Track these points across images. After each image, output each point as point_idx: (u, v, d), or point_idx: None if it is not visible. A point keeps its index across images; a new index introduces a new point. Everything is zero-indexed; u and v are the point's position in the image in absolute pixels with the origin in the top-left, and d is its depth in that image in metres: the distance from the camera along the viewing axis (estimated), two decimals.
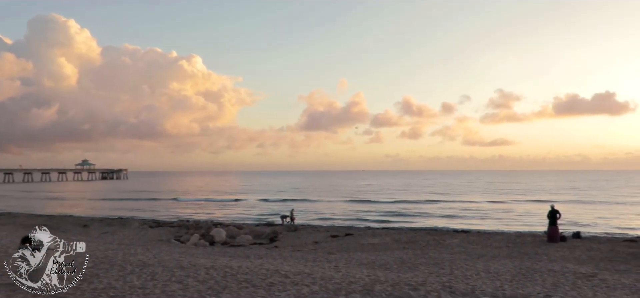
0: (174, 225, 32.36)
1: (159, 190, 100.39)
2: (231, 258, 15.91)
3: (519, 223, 39.86)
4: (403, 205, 60.85)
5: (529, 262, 15.94)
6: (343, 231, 28.58)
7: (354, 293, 10.24)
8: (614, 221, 42.58)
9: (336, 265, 14.74)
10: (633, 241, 22.68)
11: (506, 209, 55.29)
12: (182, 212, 50.86)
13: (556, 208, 23.30)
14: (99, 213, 47.15)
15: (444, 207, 57.22)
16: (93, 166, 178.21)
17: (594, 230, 32.60)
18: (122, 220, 36.97)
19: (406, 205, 59.99)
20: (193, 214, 48.30)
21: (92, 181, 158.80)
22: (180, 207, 58.69)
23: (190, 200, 70.74)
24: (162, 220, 36.93)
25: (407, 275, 12.94)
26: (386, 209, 54.78)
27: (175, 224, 33.20)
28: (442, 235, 25.80)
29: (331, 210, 53.91)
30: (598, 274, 13.66)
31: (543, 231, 24.06)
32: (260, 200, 69.53)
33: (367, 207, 57.61)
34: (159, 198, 73.89)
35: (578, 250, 19.29)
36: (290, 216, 33.60)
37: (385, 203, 63.80)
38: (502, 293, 10.66)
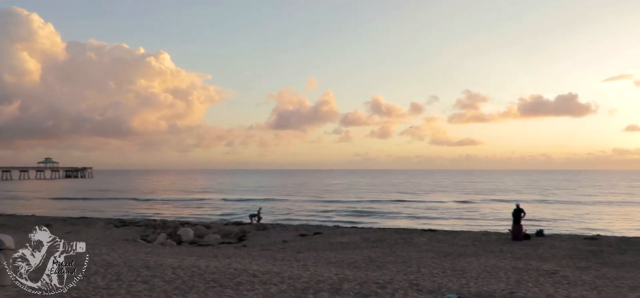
0: (140, 225, 31.81)
1: (125, 189, 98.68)
2: (199, 258, 15.75)
3: (484, 221, 40.61)
4: (372, 204, 61.27)
5: (494, 260, 16.24)
6: (312, 230, 28.58)
7: (322, 292, 10.26)
8: (576, 219, 43.78)
9: (305, 264, 14.75)
10: (593, 239, 23.32)
11: (472, 208, 56.25)
12: (149, 211, 50.13)
13: (521, 207, 23.80)
14: (63, 212, 46.04)
15: (412, 206, 57.85)
16: (56, 164, 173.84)
17: (557, 229, 33.44)
18: (86, 219, 36.16)
19: (375, 204, 60.42)
20: (160, 213, 47.65)
21: (55, 180, 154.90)
22: (146, 206, 57.82)
23: (157, 199, 69.74)
24: (128, 219, 36.27)
25: (375, 273, 13.04)
26: (355, 208, 55.04)
27: (141, 223, 32.64)
28: (410, 234, 26.05)
29: (300, 209, 53.90)
30: (560, 271, 14.01)
31: (508, 230, 24.53)
32: (229, 199, 69.05)
33: (336, 206, 57.78)
34: (125, 197, 72.64)
35: (541, 248, 19.74)
36: (257, 215, 33.43)
37: (354, 202, 64.12)
38: (467, 290, 10.84)
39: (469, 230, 30.04)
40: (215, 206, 58.72)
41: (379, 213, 49.13)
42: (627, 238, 24.56)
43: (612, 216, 46.80)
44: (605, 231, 31.99)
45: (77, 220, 35.62)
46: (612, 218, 45.67)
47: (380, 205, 59.94)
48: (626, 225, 39.58)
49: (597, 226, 36.89)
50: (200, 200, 68.83)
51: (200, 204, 61.76)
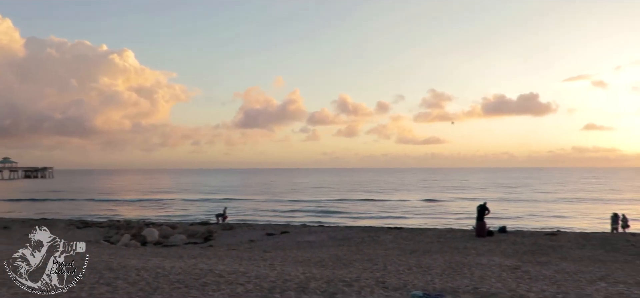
0: (104, 225, 31.16)
1: (87, 189, 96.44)
2: (164, 259, 15.52)
3: (449, 219, 41.27)
4: (339, 202, 61.52)
5: (458, 256, 16.49)
6: (279, 229, 28.51)
7: (288, 291, 10.24)
8: (537, 216, 44.94)
9: (272, 263, 14.69)
10: (554, 235, 23.96)
11: (438, 206, 57.11)
12: (112, 212, 49.14)
13: (485, 204, 24.27)
14: (22, 214, 44.70)
15: (379, 205, 58.35)
16: (15, 164, 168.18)
17: (519, 225, 34.26)
18: (46, 220, 35.17)
19: (342, 203, 60.69)
20: (124, 214, 46.76)
21: (14, 180, 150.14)
22: (110, 207, 56.65)
23: (121, 200, 68.41)
24: (90, 220, 35.47)
25: (341, 271, 13.08)
26: (322, 207, 55.18)
27: (104, 224, 31.97)
28: (377, 232, 26.25)
29: (267, 208, 53.73)
30: (521, 266, 14.33)
31: (472, 227, 24.97)
32: (194, 199, 68.28)
33: (304, 205, 57.83)
34: (87, 198, 70.98)
35: (504, 244, 20.16)
36: (223, 214, 33.17)
37: (321, 201, 64.26)
38: (432, 287, 10.98)
39: (434, 227, 30.50)
40: (180, 206, 57.98)
41: (346, 212, 49.37)
42: (585, 234, 25.33)
43: (571, 213, 48.20)
44: (565, 227, 32.93)
45: (37, 221, 34.62)
46: (571, 214, 47.05)
47: (348, 203, 60.24)
48: (585, 220, 40.82)
49: (557, 222, 37.95)
50: (165, 200, 67.84)
51: (166, 204, 60.89)
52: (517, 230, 27.08)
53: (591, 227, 32.55)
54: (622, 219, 27.13)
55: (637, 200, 64.64)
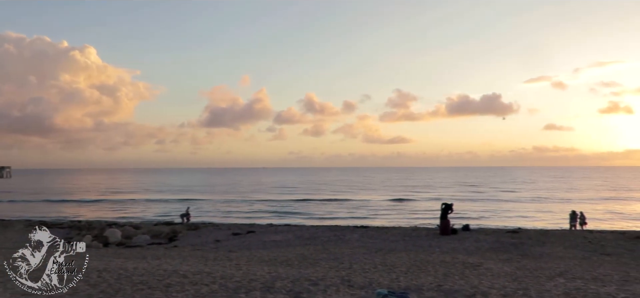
0: (64, 226, 30.33)
1: (47, 189, 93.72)
2: (126, 260, 15.23)
3: (414, 217, 41.74)
4: (305, 201, 61.54)
5: (423, 254, 16.72)
6: (245, 228, 28.33)
7: (254, 290, 10.18)
8: (499, 214, 45.90)
9: (237, 263, 14.59)
10: (515, 232, 24.56)
11: (403, 204, 57.74)
12: (73, 212, 47.91)
13: (449, 203, 24.66)
14: None
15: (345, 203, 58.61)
16: None
17: (482, 223, 34.92)
18: (3, 221, 34.06)
19: (308, 202, 60.72)
20: (85, 214, 45.66)
21: None
22: (71, 207, 55.23)
23: (82, 200, 66.73)
24: (50, 221, 34.42)
25: (307, 270, 13.09)
26: (289, 206, 55.10)
27: (65, 225, 31.13)
28: (343, 230, 26.35)
29: (233, 208, 53.32)
30: (484, 263, 14.62)
31: (436, 225, 25.34)
32: (159, 199, 67.21)
33: (270, 204, 57.62)
34: (47, 198, 68.95)
35: (467, 242, 20.54)
36: (186, 214, 32.77)
37: (288, 200, 64.14)
38: (397, 285, 11.09)
39: (399, 226, 30.80)
40: (144, 206, 56.98)
41: (312, 211, 49.41)
42: (545, 231, 26.05)
43: (532, 211, 49.41)
44: (526, 224, 33.75)
45: None
46: (532, 212, 48.22)
47: (314, 203, 60.30)
48: (545, 218, 41.88)
49: (518, 220, 38.84)
50: (128, 200, 66.50)
51: (129, 204, 59.71)
52: (480, 228, 27.61)
53: (551, 225, 33.44)
54: (580, 217, 27.96)
55: (594, 198, 66.80)
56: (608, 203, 59.15)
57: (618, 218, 43.47)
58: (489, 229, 27.50)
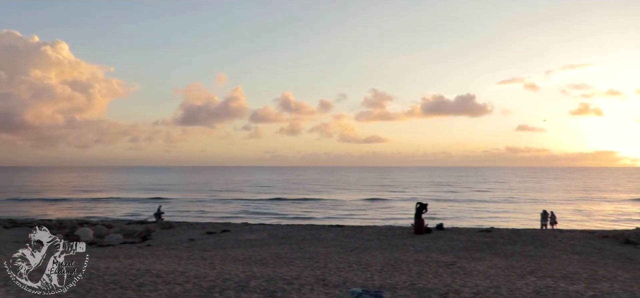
0: (34, 225, 29.64)
1: (16, 187, 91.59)
2: (98, 259, 14.97)
3: (389, 216, 42.03)
4: (281, 200, 61.44)
5: (397, 253, 16.83)
6: (220, 227, 28.13)
7: (228, 289, 10.12)
8: (472, 213, 46.53)
9: (211, 263, 14.48)
10: (487, 232, 24.91)
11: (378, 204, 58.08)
12: (43, 211, 46.97)
13: (424, 202, 24.89)
14: None
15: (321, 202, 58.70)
16: None
17: (455, 222, 35.33)
18: None
19: (284, 201, 60.65)
20: (56, 213, 44.78)
21: None
22: (41, 206, 54.13)
23: (53, 198, 65.43)
24: (19, 220, 33.70)
25: (282, 269, 13.07)
26: (264, 205, 54.95)
27: (34, 224, 30.44)
28: (318, 229, 26.38)
29: (208, 207, 52.94)
30: (457, 262, 14.80)
31: (410, 224, 25.54)
32: (132, 198, 66.30)
33: (245, 203, 57.38)
34: (16, 197, 67.41)
35: (441, 241, 20.75)
36: (157, 212, 32.42)
37: (263, 199, 63.95)
38: (371, 283, 11.15)
39: (374, 225, 30.99)
40: (117, 204, 56.21)
41: (287, 210, 49.36)
42: (517, 230, 26.48)
43: (504, 210, 50.21)
44: (498, 224, 34.26)
45: None
46: (504, 211, 49.01)
47: (289, 201, 60.24)
48: (516, 217, 42.60)
49: (491, 220, 39.42)
50: (101, 198, 65.45)
51: (101, 203, 58.81)
52: (453, 228, 27.91)
53: (522, 224, 34.03)
54: (551, 216, 28.51)
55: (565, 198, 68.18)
56: (578, 203, 60.47)
57: (587, 217, 44.48)
58: (462, 228, 27.83)
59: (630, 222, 37.40)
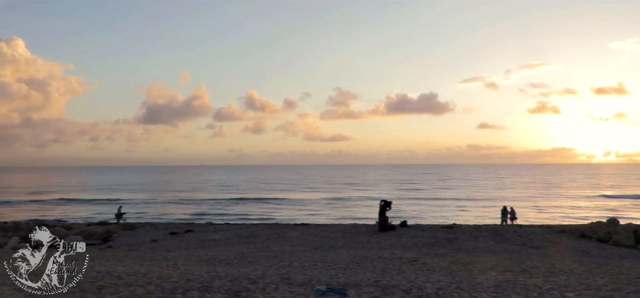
0: None
1: None
2: None
3: (354, 214, 42.31)
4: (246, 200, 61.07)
5: (362, 251, 16.94)
6: (183, 227, 27.80)
7: (191, 290, 9.99)
8: (435, 210, 47.27)
9: (175, 263, 14.27)
10: (450, 228, 25.35)
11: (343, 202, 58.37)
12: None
13: (388, 200, 25.15)
14: None
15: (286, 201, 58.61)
16: None
17: (419, 219, 35.84)
18: None
19: (249, 200, 60.29)
20: (12, 215, 43.37)
21: None
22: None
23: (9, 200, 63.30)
24: None
25: (247, 269, 12.99)
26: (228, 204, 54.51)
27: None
28: (283, 228, 26.35)
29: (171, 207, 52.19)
30: (420, 258, 14.99)
31: (375, 222, 25.77)
32: (93, 198, 64.78)
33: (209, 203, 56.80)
34: None
35: (405, 238, 21.00)
36: (118, 213, 31.84)
37: (228, 198, 63.43)
38: (336, 281, 11.19)
39: (339, 223, 31.15)
40: (77, 206, 54.81)
41: (252, 209, 49.10)
42: (478, 226, 27.05)
43: (466, 206, 51.19)
44: (461, 220, 34.91)
45: None
46: (466, 207, 49.96)
47: (254, 200, 59.93)
48: (478, 213, 43.49)
49: (453, 216, 40.12)
50: (60, 200, 63.70)
51: (60, 204, 57.24)
52: (417, 224, 28.32)
53: (483, 220, 34.77)
54: (511, 212, 29.23)
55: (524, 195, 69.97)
56: (536, 199, 62.17)
57: (545, 213, 45.77)
58: (426, 225, 28.25)
59: (585, 217, 38.65)
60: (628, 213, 42.98)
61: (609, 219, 25.12)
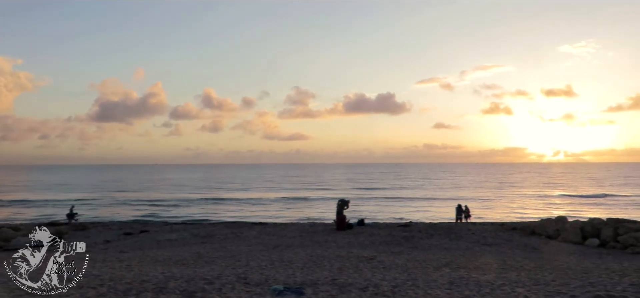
0: None
1: None
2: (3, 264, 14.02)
3: (312, 213, 42.38)
4: (203, 199, 60.29)
5: (319, 249, 17.00)
6: (138, 227, 27.23)
7: (145, 292, 9.80)
8: (392, 208, 47.86)
9: (128, 264, 13.97)
10: (406, 226, 25.74)
11: (301, 201, 58.39)
12: None
13: (345, 199, 25.32)
14: None
15: (244, 200, 58.18)
16: None
17: (376, 217, 36.22)
18: None
19: (206, 199, 59.54)
20: None
21: None
22: None
23: None
24: None
25: (203, 269, 12.84)
26: (185, 203, 53.70)
27: None
28: (240, 227, 26.16)
29: (126, 206, 51.02)
30: (377, 256, 15.16)
31: (332, 221, 25.90)
32: (43, 199, 62.60)
33: (165, 202, 55.81)
34: None
35: (362, 236, 21.19)
36: (70, 213, 30.90)
37: (184, 197, 62.47)
38: (293, 280, 11.19)
39: (297, 222, 31.15)
40: (25, 206, 52.85)
41: (209, 208, 48.54)
42: (433, 224, 27.56)
43: (422, 205, 52.07)
44: (416, 218, 35.48)
45: None
46: (422, 206, 50.82)
47: (212, 200, 59.25)
48: (433, 212, 44.29)
49: (410, 214, 40.74)
50: (7, 200, 61.22)
51: (7, 205, 55.03)
52: (374, 223, 28.62)
53: (438, 218, 35.43)
54: (465, 210, 29.88)
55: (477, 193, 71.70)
56: (489, 197, 63.81)
57: (498, 211, 47.03)
58: (383, 223, 28.58)
59: (536, 215, 39.92)
60: (576, 211, 44.63)
61: (558, 217, 26.08)
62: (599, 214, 31.76)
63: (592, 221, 23.66)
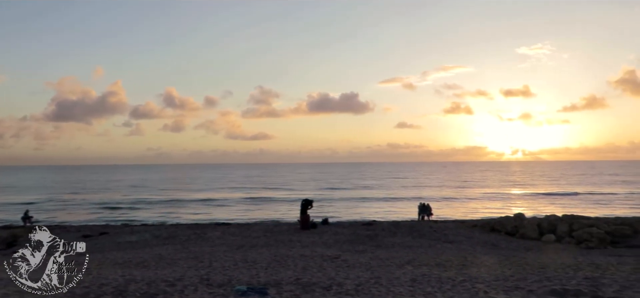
0: None
1: None
2: None
3: (276, 213, 42.25)
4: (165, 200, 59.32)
5: (284, 249, 16.95)
6: (97, 230, 26.59)
7: (105, 295, 9.59)
8: (356, 207, 48.18)
9: (87, 268, 13.58)
10: (370, 225, 25.92)
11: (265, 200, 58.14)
12: None
13: (309, 198, 25.33)
14: None
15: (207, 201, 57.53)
16: None
17: (340, 217, 36.36)
18: None
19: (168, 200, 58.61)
20: None
21: None
22: None
23: None
24: None
25: (164, 271, 12.62)
26: (146, 204, 52.74)
27: None
28: (204, 228, 25.83)
29: (85, 208, 49.76)
30: (341, 255, 15.22)
31: (296, 220, 25.87)
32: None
33: (126, 203, 54.66)
34: None
35: (326, 235, 21.22)
36: (25, 216, 29.96)
37: (145, 198, 61.34)
38: (257, 280, 11.12)
39: (261, 222, 30.98)
40: None
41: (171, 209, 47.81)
42: (396, 222, 27.85)
43: (385, 204, 52.59)
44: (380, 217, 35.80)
45: None
46: (385, 205, 51.33)
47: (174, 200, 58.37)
48: (396, 210, 44.78)
49: (373, 213, 41.08)
50: None
51: None
52: (338, 222, 28.71)
53: (401, 216, 35.84)
54: (427, 208, 30.32)
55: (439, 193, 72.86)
56: (451, 195, 64.96)
57: (459, 208, 47.91)
58: (346, 222, 28.70)
59: (495, 212, 40.81)
60: (533, 208, 45.88)
61: (516, 214, 26.77)
62: (555, 211, 32.68)
63: (549, 218, 24.42)
